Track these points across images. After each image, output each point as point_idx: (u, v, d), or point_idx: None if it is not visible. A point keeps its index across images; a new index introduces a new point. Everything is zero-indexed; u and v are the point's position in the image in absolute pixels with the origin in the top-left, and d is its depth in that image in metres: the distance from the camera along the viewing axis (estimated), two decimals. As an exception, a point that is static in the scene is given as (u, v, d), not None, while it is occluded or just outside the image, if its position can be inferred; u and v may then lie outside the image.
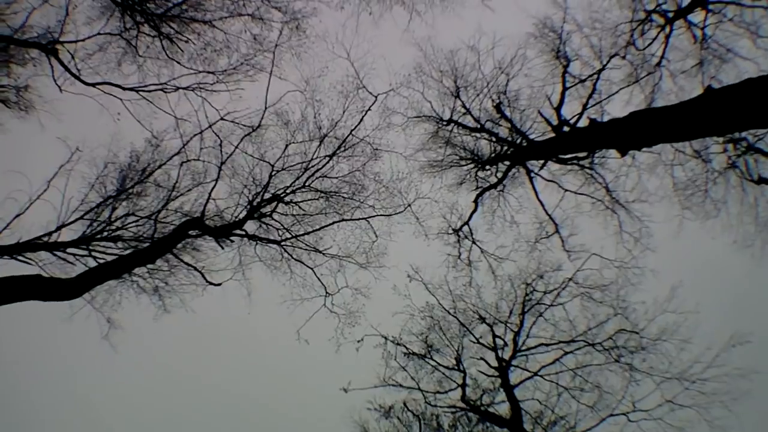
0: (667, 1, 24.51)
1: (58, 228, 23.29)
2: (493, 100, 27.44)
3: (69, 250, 23.65)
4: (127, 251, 24.95)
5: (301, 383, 50.38)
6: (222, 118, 26.28)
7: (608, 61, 25.60)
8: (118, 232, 25.25)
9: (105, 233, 24.77)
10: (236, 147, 26.87)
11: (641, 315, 30.23)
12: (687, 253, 30.54)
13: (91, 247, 24.14)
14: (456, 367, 32.35)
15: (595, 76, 25.67)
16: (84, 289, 21.52)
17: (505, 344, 31.98)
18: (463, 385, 31.97)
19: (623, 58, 25.60)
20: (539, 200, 27.93)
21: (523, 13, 26.35)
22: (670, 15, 24.47)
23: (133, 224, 25.67)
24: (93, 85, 25.15)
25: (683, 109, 19.64)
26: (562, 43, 26.15)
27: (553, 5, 26.15)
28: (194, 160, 26.53)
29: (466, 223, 29.64)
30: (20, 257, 22.20)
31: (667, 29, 24.74)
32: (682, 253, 30.03)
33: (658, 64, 25.31)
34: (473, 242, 29.93)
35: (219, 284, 27.22)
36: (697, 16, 24.37)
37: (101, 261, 23.95)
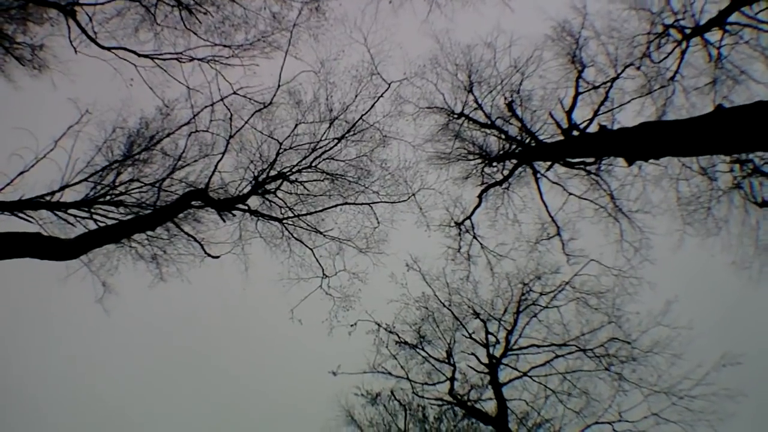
0: (685, 17, 24.83)
1: (62, 188, 23.40)
2: (505, 98, 27.78)
3: (70, 210, 23.79)
4: (129, 217, 25.09)
5: (290, 362, 51.00)
6: (234, 92, 26.57)
7: (623, 71, 26.00)
8: (121, 197, 25.36)
9: (108, 197, 24.89)
10: (246, 122, 27.22)
11: (635, 326, 30.67)
12: (685, 269, 30.87)
13: (92, 210, 24.25)
14: (446, 361, 32.68)
15: (609, 84, 26.05)
16: (82, 250, 21.99)
17: (497, 342, 32.37)
18: (452, 379, 32.33)
19: (638, 69, 25.99)
20: (543, 201, 28.32)
21: (542, 14, 26.78)
22: (688, 31, 24.85)
23: (137, 190, 25.78)
24: (108, 49, 25.53)
25: (693, 125, 20.01)
26: (578, 48, 26.53)
27: (572, 10, 26.59)
28: (203, 131, 26.71)
29: (469, 217, 29.95)
30: (21, 214, 22.35)
31: (684, 45, 25.11)
32: (680, 268, 30.32)
33: (672, 78, 25.67)
34: (474, 237, 30.24)
35: (217, 257, 27.50)
36: (713, 35, 24.78)
37: (102, 224, 24.15)
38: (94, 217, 24.33)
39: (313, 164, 28.81)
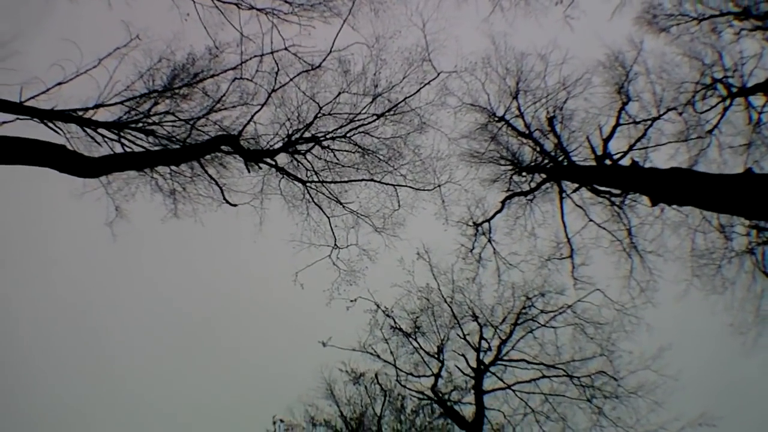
0: (734, 75, 25.67)
1: (96, 106, 23.76)
2: (547, 112, 28.79)
3: (100, 130, 24.19)
4: (156, 148, 25.82)
5: (283, 324, 51.84)
6: (286, 48, 26.86)
7: (665, 113, 27.04)
8: (153, 127, 25.87)
9: (140, 124, 25.43)
10: (291, 80, 27.83)
11: (625, 364, 31.41)
12: (684, 320, 31.48)
13: (122, 134, 24.80)
14: (436, 356, 33.59)
15: (649, 123, 27.13)
16: (104, 171, 22.45)
17: (489, 349, 33.23)
18: (438, 375, 33.27)
19: (680, 114, 26.92)
20: (563, 221, 29.43)
21: (599, 40, 27.74)
22: (734, 90, 25.75)
23: (170, 123, 26.30)
24: (171, -21, 26.18)
25: (721, 182, 20.89)
26: (627, 81, 27.56)
27: (629, 43, 27.66)
28: (247, 80, 27.29)
29: (488, 220, 31.09)
30: (51, 124, 22.56)
31: (728, 102, 25.99)
32: (679, 317, 31.04)
33: (710, 131, 26.59)
34: (489, 240, 31.35)
35: (235, 205, 28.29)
36: (757, 100, 25.66)
37: (129, 150, 24.84)
38: (122, 141, 24.82)
39: (348, 135, 29.52)
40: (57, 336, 52.06)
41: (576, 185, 28.15)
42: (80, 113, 23.47)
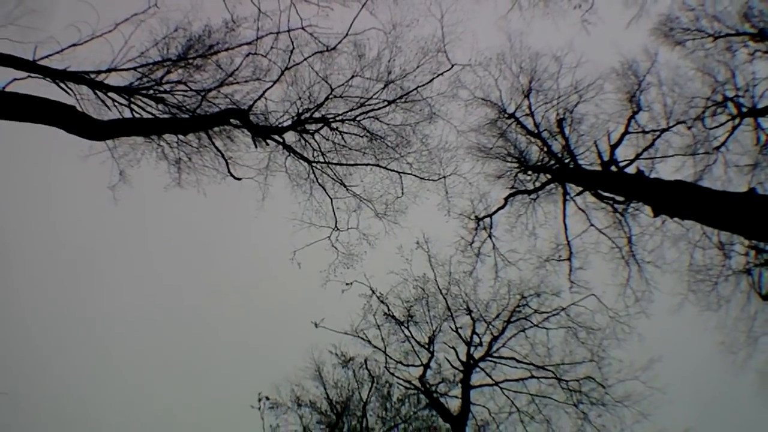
0: (745, 96, 26.05)
1: (109, 70, 24.09)
2: (558, 114, 29.22)
3: (111, 94, 24.47)
4: (165, 116, 26.13)
5: (276, 301, 52.36)
6: (302, 28, 26.98)
7: (674, 125, 27.51)
8: (164, 95, 26.14)
9: (151, 91, 25.69)
10: (305, 59, 28.01)
11: (614, 371, 31.86)
12: (676, 333, 32.03)
13: (132, 99, 25.04)
14: (426, 346, 34.02)
15: (658, 134, 27.61)
16: (112, 134, 23.05)
17: (480, 344, 33.71)
18: (427, 366, 33.70)
19: (689, 128, 27.35)
20: (565, 223, 29.88)
21: (614, 47, 28.18)
22: (744, 110, 26.11)
23: (181, 93, 26.55)
24: (191, -51, 26.43)
25: (724, 199, 21.33)
26: (639, 90, 28.01)
27: (644, 53, 28.08)
28: (261, 55, 27.39)
29: (490, 215, 31.51)
30: (63, 84, 22.79)
31: (737, 121, 26.36)
32: (672, 330, 31.63)
33: (718, 148, 26.98)
34: (489, 236, 31.76)
35: (239, 179, 28.61)
36: (766, 121, 25.96)
37: (138, 116, 25.21)
38: (132, 106, 25.12)
39: (357, 118, 29.79)
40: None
41: (580, 189, 28.66)
42: (92, 76, 23.76)
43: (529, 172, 30.20)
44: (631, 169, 26.80)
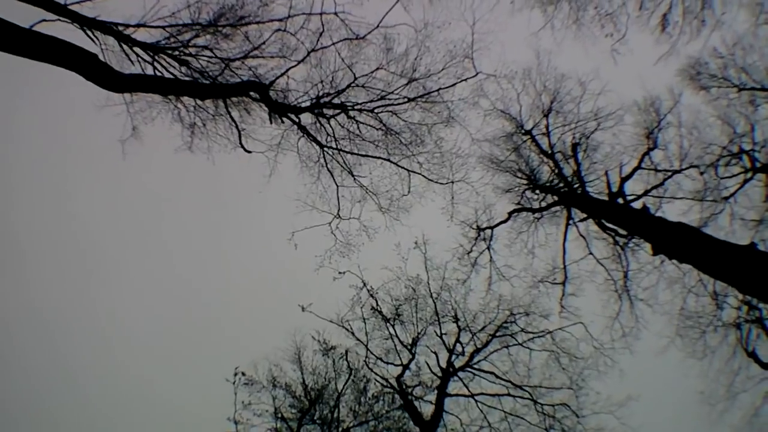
0: (761, 151, 26.49)
1: (138, 25, 24.58)
2: (574, 138, 29.73)
3: (136, 49, 25.07)
4: (186, 78, 26.58)
5: (267, 279, 52.75)
6: (335, 13, 27.43)
7: (687, 168, 28.05)
8: (188, 58, 26.65)
9: (176, 52, 26.23)
10: (333, 44, 28.41)
11: (590, 403, 32.01)
12: (658, 375, 32.29)
13: (156, 57, 25.66)
14: (409, 347, 34.35)
15: (670, 174, 28.13)
16: (131, 88, 23.32)
17: (462, 353, 34.05)
18: (406, 367, 34.01)
19: (701, 173, 27.88)
20: (564, 247, 30.40)
21: (640, 81, 28.71)
22: (758, 165, 26.61)
23: (205, 58, 27.05)
24: None
25: (724, 249, 21.63)
26: (658, 128, 28.55)
27: (668, 92, 28.56)
28: (290, 33, 27.77)
29: (492, 227, 32.08)
30: (90, 32, 23.41)
31: (749, 174, 26.90)
32: (654, 371, 31.79)
33: (726, 198, 27.51)
34: (488, 247, 32.34)
35: (250, 152, 29.16)
36: (778, 180, 26.31)
37: (159, 74, 25.74)
38: (155, 64, 25.72)
39: (376, 110, 30.16)
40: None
41: (584, 215, 29.09)
42: (120, 28, 24.29)
43: (537, 191, 30.75)
44: (637, 205, 27.14)
